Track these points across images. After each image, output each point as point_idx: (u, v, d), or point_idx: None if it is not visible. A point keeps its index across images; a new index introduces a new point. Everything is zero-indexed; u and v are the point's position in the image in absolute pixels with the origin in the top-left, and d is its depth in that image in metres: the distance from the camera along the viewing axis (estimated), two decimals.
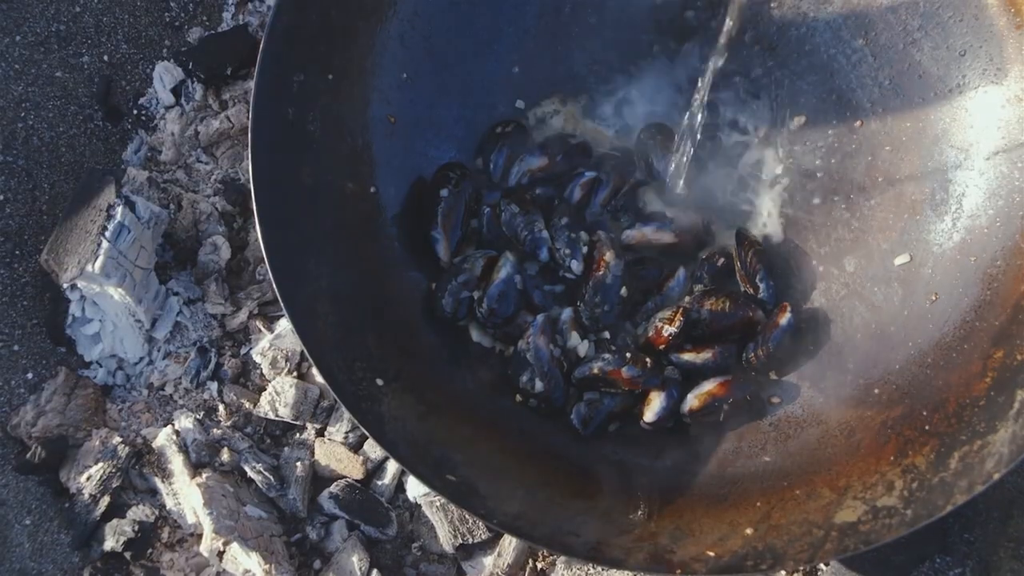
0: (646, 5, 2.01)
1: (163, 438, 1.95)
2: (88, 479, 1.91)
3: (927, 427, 1.63)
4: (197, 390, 2.02)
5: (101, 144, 2.22)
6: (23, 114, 2.15)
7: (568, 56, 2.05)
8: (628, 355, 1.82)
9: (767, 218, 1.96)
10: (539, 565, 1.88)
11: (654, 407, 1.82)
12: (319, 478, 1.96)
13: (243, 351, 2.06)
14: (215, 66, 2.24)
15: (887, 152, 1.91)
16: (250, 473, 1.92)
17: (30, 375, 2.02)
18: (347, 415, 1.93)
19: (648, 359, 1.83)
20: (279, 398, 1.95)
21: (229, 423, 1.98)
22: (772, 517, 1.61)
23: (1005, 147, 1.78)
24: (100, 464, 1.92)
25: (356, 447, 1.96)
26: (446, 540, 1.87)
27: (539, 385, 1.82)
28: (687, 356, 1.85)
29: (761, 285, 1.87)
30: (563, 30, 2.04)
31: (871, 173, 1.92)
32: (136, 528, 1.88)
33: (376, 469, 1.95)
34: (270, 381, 2.00)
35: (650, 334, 1.85)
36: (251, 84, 1.77)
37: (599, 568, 1.82)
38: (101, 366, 2.05)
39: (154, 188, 2.13)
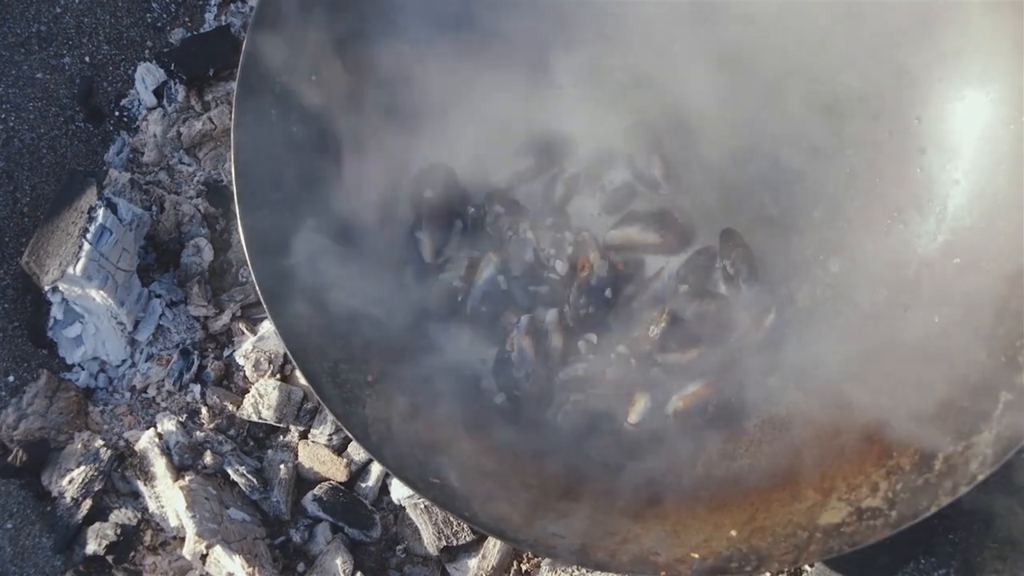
0: None
1: (146, 441, 1.94)
2: (70, 482, 1.90)
3: (912, 428, 1.63)
4: (180, 393, 2.02)
5: (83, 145, 2.21)
6: (3, 116, 2.13)
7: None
8: (613, 356, 1.82)
9: (752, 219, 1.96)
10: (524, 567, 1.88)
11: (639, 408, 1.82)
12: (303, 480, 1.95)
13: (226, 353, 2.05)
14: (197, 67, 2.23)
15: (871, 154, 1.92)
16: (233, 476, 1.91)
17: (11, 378, 2.00)
18: (331, 417, 1.93)
19: (633, 360, 1.83)
20: (262, 400, 1.95)
21: (212, 426, 1.97)
22: (757, 519, 1.61)
23: (989, 148, 1.78)
24: (82, 467, 1.91)
25: (340, 449, 1.95)
26: (430, 542, 1.87)
27: (524, 387, 1.81)
28: (672, 357, 1.85)
29: (744, 286, 1.87)
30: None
31: (855, 175, 1.92)
32: (118, 531, 1.87)
33: (360, 471, 1.94)
34: (253, 383, 1.99)
35: (635, 334, 1.85)
36: (234, 85, 1.76)
37: (584, 570, 1.82)
38: (83, 368, 2.04)
39: (136, 190, 2.12)
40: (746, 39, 1.96)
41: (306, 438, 1.97)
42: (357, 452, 1.94)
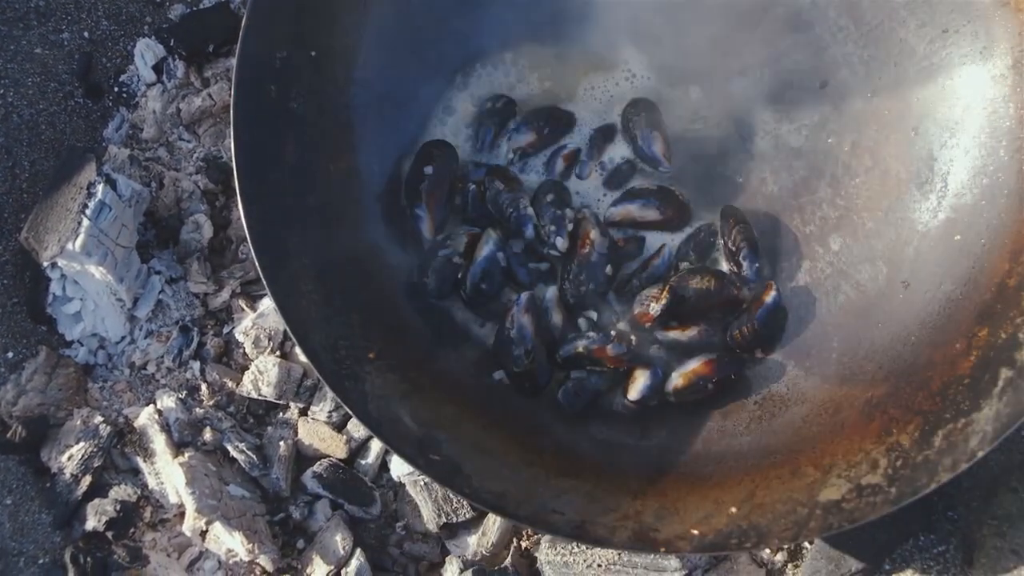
0: None
1: (145, 417, 1.94)
2: (69, 459, 1.90)
3: (911, 405, 1.63)
4: (179, 369, 2.01)
5: (82, 122, 2.20)
6: (2, 91, 2.13)
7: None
8: (613, 333, 1.82)
9: (752, 196, 1.96)
10: (523, 544, 1.88)
11: (639, 385, 1.81)
12: (302, 457, 1.95)
13: (226, 330, 2.05)
14: (197, 43, 2.21)
15: (872, 131, 1.91)
16: (233, 452, 1.91)
17: (10, 354, 2.00)
18: (330, 394, 1.92)
19: (633, 337, 1.83)
20: (262, 377, 1.95)
21: (212, 402, 1.97)
22: (757, 495, 1.61)
23: (990, 125, 1.78)
24: (81, 443, 1.91)
25: (340, 426, 1.95)
26: (430, 519, 1.87)
27: (523, 364, 1.81)
28: (673, 334, 1.85)
29: (745, 263, 1.87)
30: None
31: (856, 152, 1.92)
32: (118, 508, 1.87)
33: (360, 448, 1.94)
34: (253, 360, 1.99)
35: (636, 312, 1.85)
36: (233, 61, 1.76)
37: (584, 547, 1.82)
38: (82, 345, 2.04)
39: (135, 166, 2.11)
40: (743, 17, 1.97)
41: (306, 415, 1.97)
42: (357, 429, 1.94)
